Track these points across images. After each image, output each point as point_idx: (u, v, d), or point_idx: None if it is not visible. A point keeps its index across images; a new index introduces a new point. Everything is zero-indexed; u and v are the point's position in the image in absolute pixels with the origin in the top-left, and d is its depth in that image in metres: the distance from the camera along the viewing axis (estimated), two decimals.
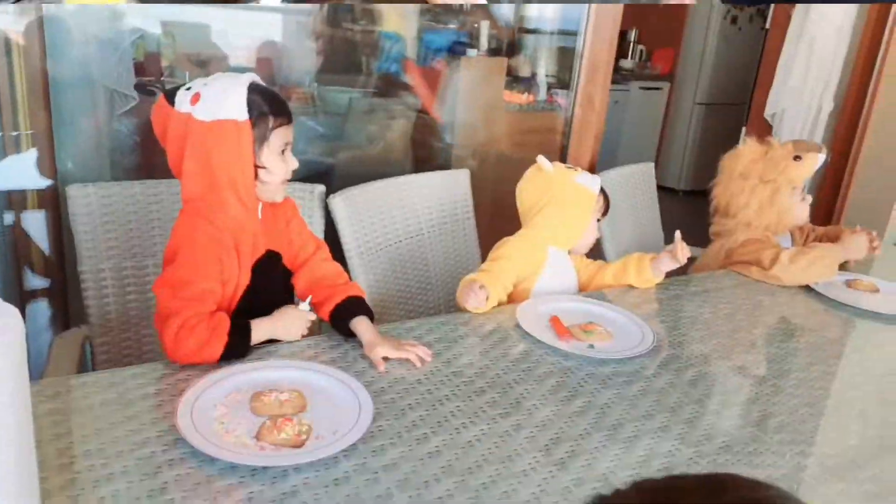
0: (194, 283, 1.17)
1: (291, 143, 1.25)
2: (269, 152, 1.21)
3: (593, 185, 1.65)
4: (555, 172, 1.65)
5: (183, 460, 0.94)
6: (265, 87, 1.22)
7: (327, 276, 1.36)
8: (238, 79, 1.18)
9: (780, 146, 1.89)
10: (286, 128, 1.23)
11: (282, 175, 1.25)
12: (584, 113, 2.37)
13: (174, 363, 1.16)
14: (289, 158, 1.25)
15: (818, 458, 1.09)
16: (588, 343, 1.37)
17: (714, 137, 5.63)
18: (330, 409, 1.08)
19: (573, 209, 1.64)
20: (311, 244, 1.38)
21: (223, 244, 1.21)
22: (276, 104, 1.21)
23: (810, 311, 1.68)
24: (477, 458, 1.01)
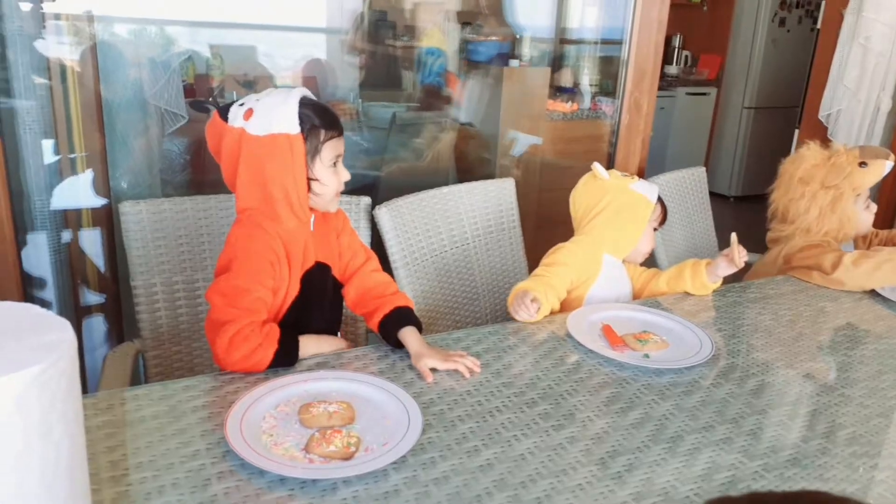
0: (250, 291, 1.18)
1: (343, 154, 1.25)
2: (321, 165, 1.22)
3: (650, 193, 1.62)
4: (611, 179, 1.63)
5: (232, 473, 0.93)
6: (316, 100, 1.23)
7: (377, 287, 1.35)
8: (289, 94, 1.19)
9: (845, 151, 1.81)
10: (337, 140, 1.23)
11: (334, 187, 1.25)
12: (632, 118, 2.32)
13: (223, 370, 1.17)
14: (341, 170, 1.25)
15: (894, 472, 1.02)
16: (643, 352, 1.33)
17: (764, 142, 5.49)
18: (379, 420, 1.06)
19: (628, 217, 1.61)
20: (361, 255, 1.38)
21: (276, 253, 1.21)
22: (327, 117, 1.22)
23: (877, 316, 1.60)
24: (530, 471, 0.98)
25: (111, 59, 1.91)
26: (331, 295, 1.34)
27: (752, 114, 5.47)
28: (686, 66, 5.81)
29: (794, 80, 5.31)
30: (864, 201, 1.86)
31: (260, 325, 1.17)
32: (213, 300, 1.18)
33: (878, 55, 2.89)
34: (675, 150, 5.52)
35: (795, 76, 5.27)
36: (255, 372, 1.16)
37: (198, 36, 2.83)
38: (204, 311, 1.54)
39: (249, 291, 1.18)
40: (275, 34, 3.43)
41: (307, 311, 1.28)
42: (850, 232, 1.84)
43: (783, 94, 5.43)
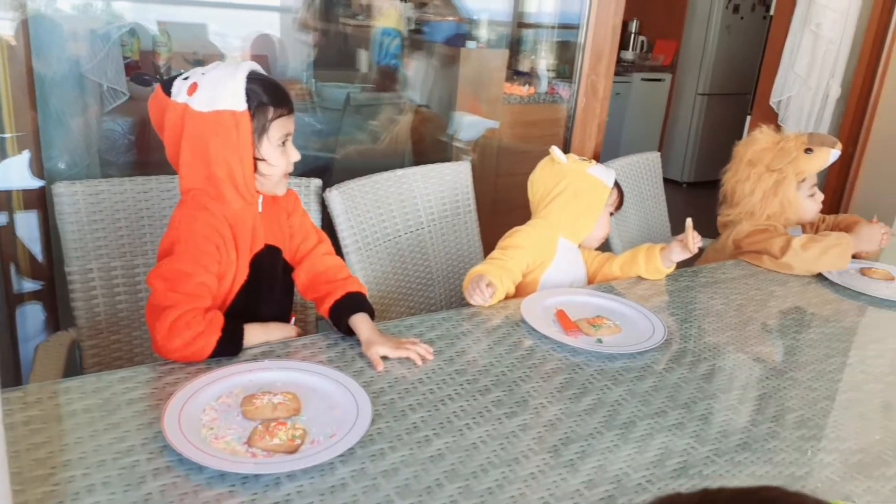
0: (193, 276, 1.13)
1: (292, 134, 1.20)
2: (269, 144, 1.16)
3: (607, 178, 1.61)
4: (568, 164, 1.62)
5: (169, 469, 0.89)
6: (265, 76, 1.17)
7: (328, 271, 1.30)
8: (237, 68, 1.13)
9: (794, 137, 1.83)
10: (286, 118, 1.18)
11: (282, 168, 1.20)
12: (588, 102, 2.31)
13: (163, 357, 1.12)
14: (290, 150, 1.20)
15: (842, 455, 1.03)
16: (596, 337, 1.32)
17: (717, 128, 5.57)
18: (326, 411, 1.02)
19: (585, 201, 1.60)
20: (312, 237, 1.33)
21: (221, 236, 1.16)
22: (276, 93, 1.16)
23: (824, 300, 1.62)
24: (482, 460, 0.95)
25: (45, 31, 1.80)
26: (281, 279, 1.30)
27: (705, 100, 5.54)
28: (642, 51, 5.84)
29: (746, 66, 5.39)
30: (809, 189, 1.87)
31: (203, 311, 1.12)
32: (154, 284, 1.13)
33: (829, 42, 2.94)
34: (630, 136, 5.57)
35: (748, 63, 5.35)
36: (196, 361, 1.11)
37: (144, 12, 2.72)
38: (145, 298, 1.47)
39: (192, 276, 1.12)
40: (226, 11, 3.32)
41: (257, 296, 1.23)
42: (792, 217, 1.85)
43: (736, 81, 5.51)
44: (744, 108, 5.43)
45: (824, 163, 1.82)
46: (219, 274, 1.17)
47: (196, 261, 1.13)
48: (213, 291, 1.16)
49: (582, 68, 2.31)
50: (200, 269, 1.13)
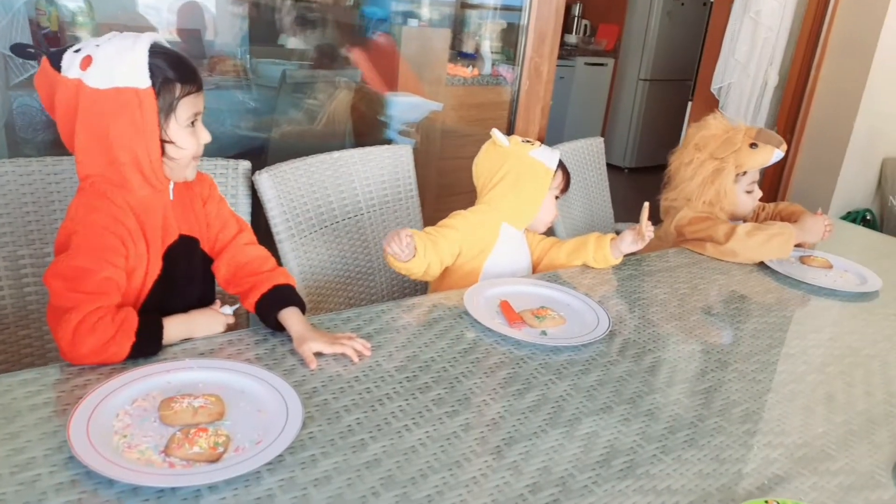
0: (94, 272, 1.02)
1: (202, 112, 1.11)
2: (177, 125, 1.06)
3: (550, 160, 1.56)
4: (511, 146, 1.57)
5: (74, 483, 0.80)
6: (169, 49, 1.06)
7: (251, 262, 1.21)
8: (137, 39, 1.02)
9: (744, 129, 1.82)
10: (195, 96, 1.08)
11: (192, 150, 1.10)
12: (532, 85, 2.26)
13: (73, 364, 1.01)
14: (200, 131, 1.10)
15: (787, 450, 1.01)
16: (540, 329, 1.27)
17: (659, 114, 5.64)
18: (252, 415, 0.95)
19: (528, 185, 1.55)
20: (232, 226, 1.24)
21: (127, 227, 1.05)
22: (183, 69, 1.06)
23: (766, 288, 1.62)
24: (421, 465, 0.90)
25: None
26: (201, 273, 1.20)
27: (647, 86, 5.58)
28: (585, 35, 5.85)
29: (687, 53, 5.46)
30: (749, 184, 1.86)
31: (111, 310, 1.01)
32: (52, 284, 1.01)
33: (768, 29, 2.97)
34: (573, 121, 5.58)
35: (689, 49, 5.42)
36: (111, 364, 1.02)
37: None
38: None
39: (94, 272, 1.01)
40: None
41: (172, 292, 1.13)
42: (726, 208, 1.84)
43: (677, 67, 5.57)
44: (685, 95, 5.51)
45: (766, 160, 1.82)
46: (128, 270, 1.06)
47: (98, 255, 1.03)
48: (121, 287, 1.05)
49: (525, 50, 2.25)
50: (103, 263, 1.03)
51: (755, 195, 1.88)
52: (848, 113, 3.02)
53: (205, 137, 1.11)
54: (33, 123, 2.30)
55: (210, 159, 1.47)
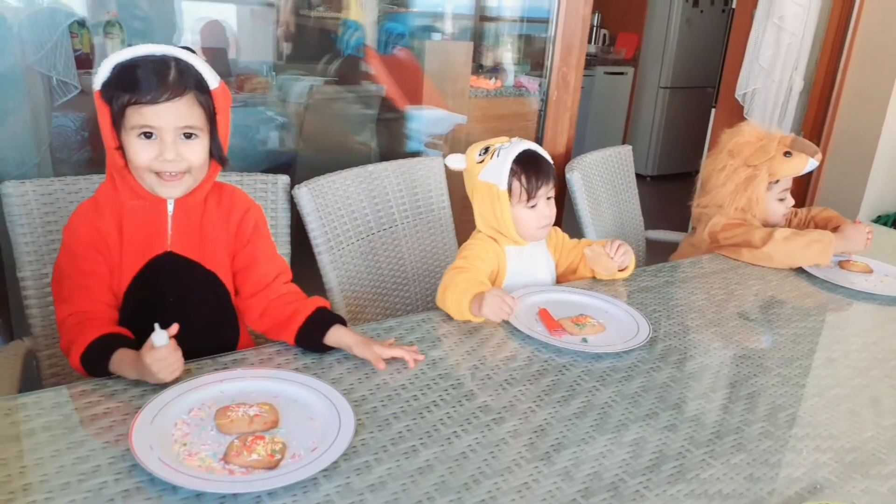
0: (69, 277, 1.11)
1: (164, 128, 1.06)
2: (126, 133, 1.07)
3: (499, 179, 1.41)
4: (468, 167, 1.47)
5: (139, 490, 0.82)
6: (135, 57, 1.05)
7: (286, 295, 1.19)
8: (128, 50, 1.07)
9: (779, 137, 1.81)
10: (147, 107, 1.04)
11: (139, 161, 1.06)
12: (560, 95, 2.28)
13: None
14: (158, 145, 1.06)
15: (836, 454, 1.01)
16: (581, 337, 1.28)
17: (680, 122, 5.62)
18: (305, 423, 0.96)
19: (489, 207, 1.44)
20: (274, 266, 1.22)
21: (100, 233, 1.11)
22: (129, 76, 1.04)
23: (803, 293, 1.62)
24: (472, 471, 0.91)
25: None
26: (200, 296, 1.19)
27: (667, 93, 5.58)
28: (604, 44, 5.86)
29: (707, 60, 5.44)
30: (781, 192, 1.85)
31: (79, 316, 1.07)
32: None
33: (792, 35, 2.96)
34: (594, 130, 5.58)
35: (709, 56, 5.41)
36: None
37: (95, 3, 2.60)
38: None
39: (69, 277, 1.10)
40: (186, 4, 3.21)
41: (150, 304, 1.13)
42: (758, 215, 1.83)
43: (697, 74, 5.56)
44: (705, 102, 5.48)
45: (800, 169, 1.81)
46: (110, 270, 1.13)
47: (71, 261, 1.11)
48: (94, 295, 1.10)
49: (553, 60, 2.27)
50: (74, 269, 1.10)
51: (787, 202, 1.88)
52: (876, 116, 3.00)
53: (167, 154, 1.06)
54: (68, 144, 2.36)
55: (249, 174, 1.50)
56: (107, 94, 1.05)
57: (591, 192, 2.01)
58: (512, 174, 1.42)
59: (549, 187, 1.44)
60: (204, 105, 1.09)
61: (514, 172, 1.42)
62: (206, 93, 1.10)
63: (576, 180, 1.96)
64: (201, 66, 1.09)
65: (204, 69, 1.09)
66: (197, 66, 1.09)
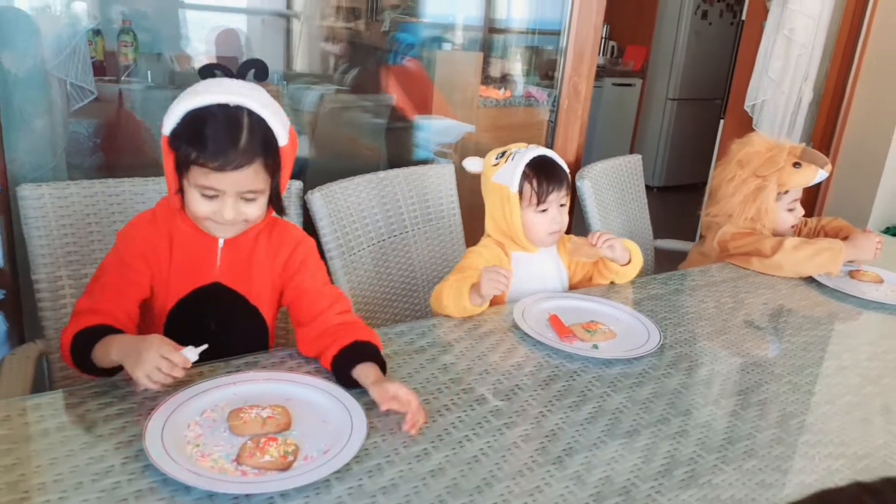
0: (103, 272, 1.11)
1: (226, 192, 1.04)
2: (188, 185, 1.05)
3: (511, 181, 1.42)
4: (484, 170, 1.49)
5: (153, 490, 0.82)
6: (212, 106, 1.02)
7: (339, 326, 1.13)
8: (202, 95, 1.03)
9: (789, 148, 1.81)
10: (213, 173, 1.01)
11: (199, 212, 1.07)
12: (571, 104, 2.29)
13: None
14: (218, 202, 1.05)
15: (849, 461, 1.01)
16: (592, 343, 1.28)
17: (687, 133, 5.62)
18: (318, 425, 0.97)
19: (500, 210, 1.45)
20: (324, 297, 1.17)
21: (155, 250, 1.11)
22: (199, 133, 1.01)
23: (814, 302, 1.61)
24: (484, 474, 0.91)
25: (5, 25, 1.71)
26: (241, 328, 1.19)
27: (675, 105, 5.58)
28: (612, 56, 5.88)
29: (715, 72, 5.45)
30: (790, 202, 1.85)
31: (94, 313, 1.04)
32: None
33: (802, 46, 2.97)
34: (601, 141, 5.58)
35: (717, 68, 5.41)
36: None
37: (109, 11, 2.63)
38: None
39: (108, 275, 1.09)
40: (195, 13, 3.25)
41: (191, 330, 1.11)
42: (767, 225, 1.83)
43: (705, 86, 5.57)
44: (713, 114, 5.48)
45: (810, 180, 1.81)
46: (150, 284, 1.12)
47: (117, 266, 1.10)
48: (120, 300, 1.08)
49: (564, 69, 2.28)
50: (117, 274, 1.10)
51: (797, 213, 1.88)
52: (885, 128, 3.00)
53: (227, 213, 1.05)
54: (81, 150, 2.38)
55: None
56: (174, 144, 1.03)
57: (601, 201, 2.02)
58: (524, 177, 1.43)
59: (561, 194, 1.45)
60: (270, 167, 1.06)
61: (525, 176, 1.43)
62: (274, 153, 1.06)
63: (586, 188, 1.97)
64: (273, 120, 1.05)
65: (275, 123, 1.05)
66: (268, 119, 1.04)
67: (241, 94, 1.03)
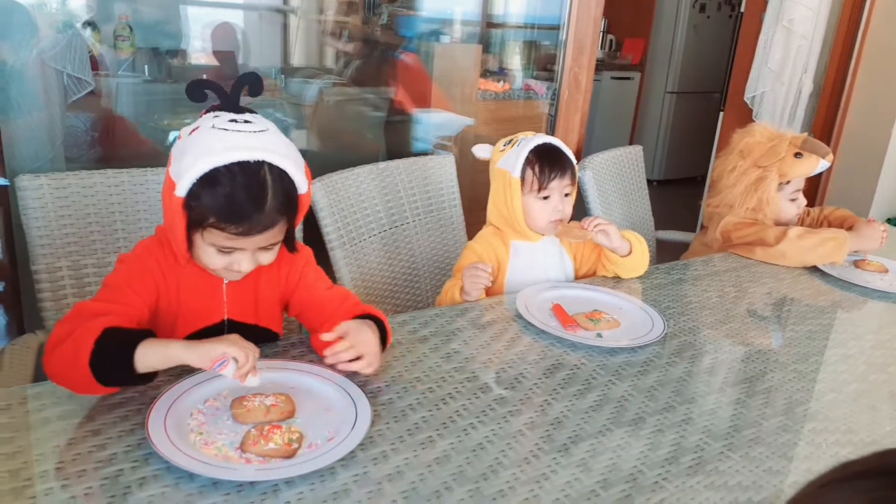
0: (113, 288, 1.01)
1: (246, 249, 1.00)
2: (202, 241, 0.99)
3: (514, 167, 1.42)
4: (493, 156, 1.49)
5: (156, 478, 0.82)
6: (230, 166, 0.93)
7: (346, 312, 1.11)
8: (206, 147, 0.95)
9: (790, 138, 1.80)
10: (233, 237, 0.97)
11: (214, 267, 1.03)
12: (571, 95, 2.28)
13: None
14: (234, 256, 1.01)
15: (856, 448, 1.00)
16: (596, 332, 1.28)
17: (686, 126, 5.62)
18: (322, 413, 0.96)
19: (502, 195, 1.45)
20: (332, 301, 1.14)
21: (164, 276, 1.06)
22: (220, 199, 0.94)
23: (818, 291, 1.61)
24: (490, 462, 0.90)
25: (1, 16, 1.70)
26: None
27: (674, 98, 5.57)
28: (611, 49, 5.86)
29: (714, 65, 5.44)
30: (793, 192, 1.84)
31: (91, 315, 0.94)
32: None
33: (801, 38, 2.96)
34: (600, 134, 5.57)
35: (716, 61, 5.41)
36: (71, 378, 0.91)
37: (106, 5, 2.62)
38: None
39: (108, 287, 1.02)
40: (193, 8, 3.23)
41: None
42: (769, 215, 1.82)
43: (704, 79, 5.56)
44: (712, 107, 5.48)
45: (811, 170, 1.80)
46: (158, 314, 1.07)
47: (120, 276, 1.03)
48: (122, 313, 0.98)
49: (565, 61, 2.27)
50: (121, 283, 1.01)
51: (799, 203, 1.87)
52: (886, 119, 2.99)
53: (244, 266, 1.01)
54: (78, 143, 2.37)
55: None
56: (190, 207, 0.95)
57: (602, 191, 2.01)
58: (527, 163, 1.43)
59: (564, 182, 1.44)
60: (290, 217, 1.01)
61: (529, 162, 1.43)
62: (296, 205, 1.01)
63: (587, 179, 1.96)
64: (293, 170, 0.98)
65: (296, 173, 0.99)
66: (289, 170, 0.98)
67: (258, 147, 0.96)
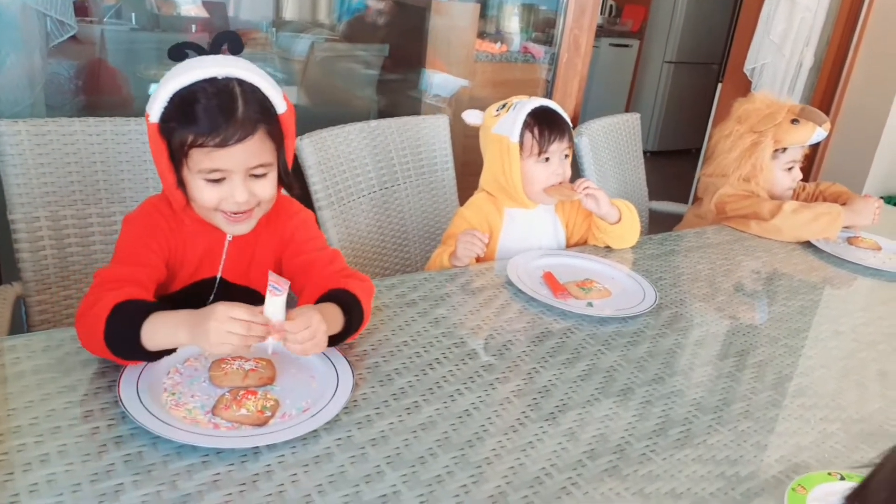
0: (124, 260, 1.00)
1: (234, 171, 0.96)
2: (189, 172, 0.96)
3: (512, 132, 1.39)
4: (485, 122, 1.46)
5: (133, 437, 0.79)
6: (199, 83, 0.93)
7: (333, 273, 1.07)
8: (195, 68, 0.94)
9: (788, 105, 1.77)
10: (215, 151, 0.93)
11: (207, 203, 0.98)
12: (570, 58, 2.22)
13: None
14: (227, 186, 0.97)
15: (844, 424, 0.99)
16: (586, 301, 1.26)
17: (683, 97, 5.56)
18: (304, 382, 0.93)
19: (498, 162, 1.42)
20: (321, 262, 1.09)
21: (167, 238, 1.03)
22: (191, 112, 0.92)
23: (811, 267, 1.59)
24: (476, 429, 0.89)
25: None
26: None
27: (672, 68, 5.50)
28: (611, 15, 5.77)
29: (713, 36, 5.37)
30: (788, 162, 1.81)
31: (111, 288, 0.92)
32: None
33: (805, 9, 2.91)
34: (596, 103, 5.50)
35: (715, 33, 5.34)
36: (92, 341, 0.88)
37: None
38: (99, 251, 1.36)
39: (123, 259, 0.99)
40: None
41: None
42: (762, 184, 1.79)
43: (703, 50, 5.49)
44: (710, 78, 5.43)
45: (806, 138, 1.77)
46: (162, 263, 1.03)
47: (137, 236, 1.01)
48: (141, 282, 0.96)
49: (565, 22, 2.21)
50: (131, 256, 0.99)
51: (794, 174, 1.84)
52: (885, 95, 2.96)
53: (239, 195, 0.97)
54: (62, 91, 2.29)
55: None
56: (165, 130, 0.95)
57: (598, 158, 1.98)
58: (525, 127, 1.39)
59: (563, 144, 1.41)
60: (274, 136, 0.98)
61: (527, 125, 1.40)
62: (275, 120, 0.99)
63: (584, 145, 1.92)
64: (266, 86, 0.97)
65: (269, 89, 0.97)
66: (262, 86, 0.97)
67: (228, 65, 0.95)
